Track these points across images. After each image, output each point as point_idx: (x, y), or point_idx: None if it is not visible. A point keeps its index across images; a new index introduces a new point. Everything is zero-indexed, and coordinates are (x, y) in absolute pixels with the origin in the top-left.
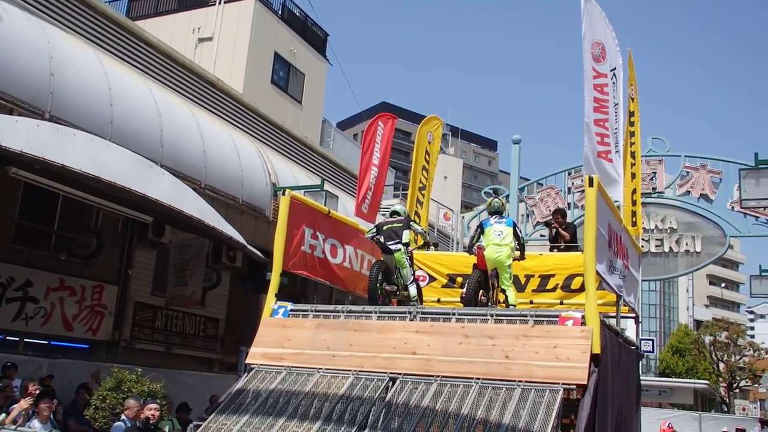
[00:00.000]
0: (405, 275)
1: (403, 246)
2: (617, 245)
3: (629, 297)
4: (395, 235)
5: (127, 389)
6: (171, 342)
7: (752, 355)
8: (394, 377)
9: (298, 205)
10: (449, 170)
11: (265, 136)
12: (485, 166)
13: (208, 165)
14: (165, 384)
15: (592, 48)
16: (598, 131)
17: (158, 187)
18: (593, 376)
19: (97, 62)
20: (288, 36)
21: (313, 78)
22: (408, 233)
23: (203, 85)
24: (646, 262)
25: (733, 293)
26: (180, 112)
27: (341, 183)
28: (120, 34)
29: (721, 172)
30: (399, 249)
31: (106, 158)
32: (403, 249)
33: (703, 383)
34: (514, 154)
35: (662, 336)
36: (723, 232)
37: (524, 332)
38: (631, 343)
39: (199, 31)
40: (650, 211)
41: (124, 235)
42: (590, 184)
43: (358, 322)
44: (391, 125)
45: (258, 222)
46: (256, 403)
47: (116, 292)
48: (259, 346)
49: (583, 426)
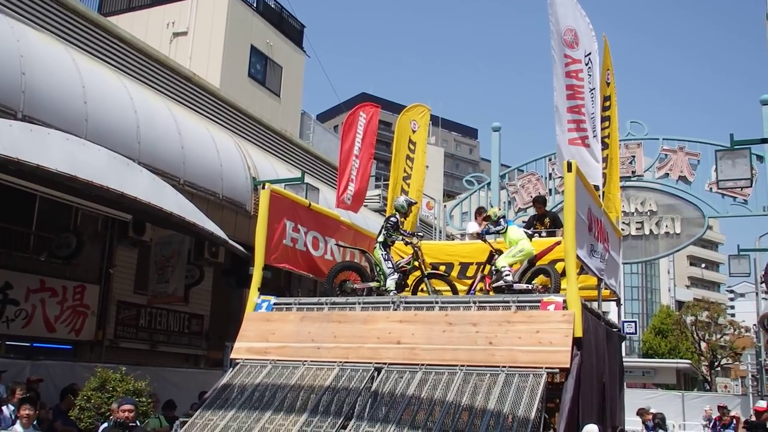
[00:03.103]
0: (384, 270)
1: (378, 244)
2: (597, 229)
3: (610, 280)
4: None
5: (111, 389)
6: (155, 340)
7: (733, 333)
8: (379, 367)
9: (278, 199)
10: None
11: (243, 130)
12: (466, 154)
13: (187, 161)
14: (150, 382)
15: (564, 35)
16: (574, 118)
17: (137, 185)
18: (576, 359)
19: (69, 60)
20: (264, 28)
21: (290, 70)
22: (384, 233)
23: (179, 80)
24: (628, 245)
25: (713, 273)
26: (156, 108)
27: (322, 175)
28: (92, 30)
29: (699, 154)
30: (375, 247)
31: (82, 157)
32: (378, 246)
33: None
34: (495, 142)
35: (645, 317)
36: (702, 213)
37: (507, 318)
38: (613, 325)
39: (174, 26)
40: (630, 194)
41: (104, 233)
42: (569, 170)
43: (342, 313)
44: (373, 115)
45: (239, 217)
46: (242, 398)
47: (98, 292)
48: (243, 340)
49: (567, 408)
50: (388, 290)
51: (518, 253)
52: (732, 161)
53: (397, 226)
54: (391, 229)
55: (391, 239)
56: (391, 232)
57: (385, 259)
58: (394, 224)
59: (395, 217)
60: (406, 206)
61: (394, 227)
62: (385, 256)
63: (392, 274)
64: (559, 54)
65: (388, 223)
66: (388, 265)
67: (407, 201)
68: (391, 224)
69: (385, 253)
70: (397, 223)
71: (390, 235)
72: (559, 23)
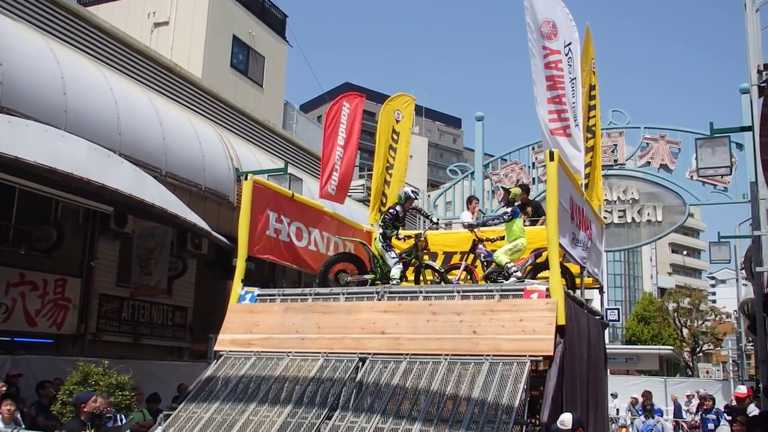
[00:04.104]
0: (387, 261)
1: (378, 236)
2: (580, 218)
3: (593, 268)
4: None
5: (94, 383)
6: (139, 333)
7: (714, 319)
8: (364, 357)
9: (261, 190)
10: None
11: (226, 121)
12: (450, 143)
13: (169, 152)
14: (134, 375)
15: (542, 27)
16: (555, 108)
17: (117, 176)
18: (559, 347)
19: (48, 50)
20: (246, 18)
21: (273, 60)
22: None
23: (160, 70)
24: (610, 233)
25: (694, 260)
26: (137, 99)
27: (305, 166)
28: (71, 20)
29: (680, 142)
30: (374, 239)
31: (61, 149)
32: (378, 238)
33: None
34: (478, 131)
35: (628, 305)
36: (683, 200)
37: (490, 307)
38: (596, 313)
39: (155, 16)
40: (612, 182)
41: (85, 226)
42: (551, 159)
43: (326, 304)
44: (358, 104)
45: (222, 208)
46: (227, 390)
47: (80, 285)
48: (227, 332)
49: (550, 396)
50: (392, 279)
51: (517, 251)
52: (712, 149)
53: (396, 217)
54: (388, 221)
55: (392, 231)
56: (388, 224)
57: (387, 250)
58: (393, 216)
59: (394, 209)
60: (403, 197)
61: (392, 219)
62: (386, 247)
63: (397, 264)
64: (537, 47)
65: (386, 216)
66: (392, 255)
67: (405, 193)
68: (389, 217)
69: (386, 245)
70: (397, 215)
71: (387, 227)
72: (537, 16)
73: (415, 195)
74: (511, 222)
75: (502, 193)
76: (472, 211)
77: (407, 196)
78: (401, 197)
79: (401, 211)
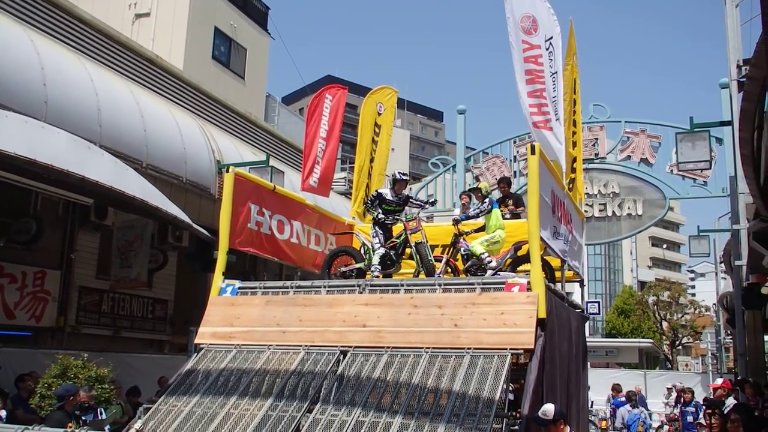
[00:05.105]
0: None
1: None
2: (561, 211)
3: (574, 261)
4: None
5: (73, 376)
6: (119, 325)
7: (693, 312)
8: (345, 350)
9: (242, 182)
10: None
11: (207, 113)
12: (432, 137)
13: (150, 144)
14: (114, 368)
15: (522, 22)
16: (535, 102)
17: (98, 168)
18: (540, 340)
19: (27, 41)
20: (228, 10)
21: (255, 53)
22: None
23: (142, 62)
24: (591, 227)
25: (674, 254)
26: (118, 90)
27: (287, 158)
28: (51, 11)
29: (660, 137)
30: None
31: (41, 140)
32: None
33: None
34: (460, 125)
35: (608, 298)
36: (663, 194)
37: (472, 300)
38: (577, 306)
39: (136, 7)
40: (593, 176)
41: (65, 218)
42: (532, 152)
43: (307, 297)
44: (340, 97)
45: (203, 200)
46: (207, 383)
47: (59, 277)
48: (207, 325)
49: (531, 388)
50: (372, 265)
51: (494, 243)
52: (692, 144)
53: (379, 199)
54: (368, 204)
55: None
56: (369, 206)
57: (374, 236)
58: (374, 197)
59: (377, 191)
60: (392, 180)
61: (374, 200)
62: (374, 233)
63: (378, 249)
64: (516, 41)
65: (367, 199)
66: (375, 241)
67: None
68: (370, 199)
69: (374, 231)
70: (380, 196)
71: (369, 210)
72: (516, 11)
73: (403, 176)
74: (489, 214)
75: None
76: (465, 206)
77: (394, 178)
78: (391, 181)
79: (390, 193)
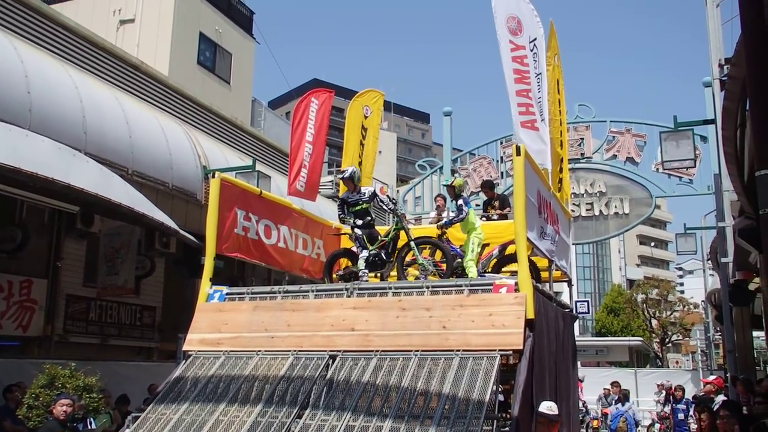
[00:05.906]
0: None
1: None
2: (547, 212)
3: (561, 261)
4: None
5: (61, 385)
6: (107, 333)
7: (682, 310)
8: (334, 354)
9: (228, 187)
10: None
11: (193, 119)
12: (419, 139)
13: (135, 150)
14: (102, 377)
15: (508, 22)
16: (522, 101)
17: (83, 176)
18: (529, 340)
19: (11, 49)
20: (213, 15)
21: (240, 57)
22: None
23: (126, 68)
24: (579, 226)
25: (662, 251)
26: (103, 97)
27: (274, 163)
28: (35, 18)
29: (646, 136)
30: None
31: (25, 148)
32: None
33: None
34: (446, 126)
35: (597, 297)
36: (649, 193)
37: (460, 302)
38: (565, 306)
39: (120, 13)
40: (580, 176)
41: (51, 226)
42: (518, 153)
43: (295, 302)
44: (326, 100)
45: (190, 206)
46: (196, 390)
47: (46, 286)
48: (195, 332)
49: (521, 389)
50: (359, 270)
51: (476, 248)
52: (676, 142)
53: (342, 209)
54: (342, 216)
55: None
56: (343, 218)
57: (354, 241)
58: (339, 208)
59: (338, 202)
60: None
61: (340, 211)
62: (353, 238)
63: (362, 253)
64: (504, 41)
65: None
66: (357, 245)
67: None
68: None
69: (353, 236)
70: (341, 206)
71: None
72: (502, 12)
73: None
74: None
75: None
76: (440, 208)
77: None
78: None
79: (348, 195)
